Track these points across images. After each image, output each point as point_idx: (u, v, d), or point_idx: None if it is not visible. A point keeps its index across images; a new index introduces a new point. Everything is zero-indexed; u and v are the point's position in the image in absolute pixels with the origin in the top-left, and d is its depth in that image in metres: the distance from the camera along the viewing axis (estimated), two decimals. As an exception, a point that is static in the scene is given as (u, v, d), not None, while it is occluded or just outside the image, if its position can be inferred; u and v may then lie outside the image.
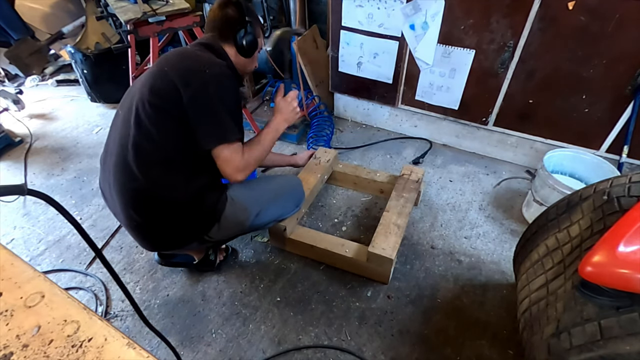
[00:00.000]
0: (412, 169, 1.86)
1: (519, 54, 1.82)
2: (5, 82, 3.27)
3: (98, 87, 2.84)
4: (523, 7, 1.69)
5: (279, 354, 1.33)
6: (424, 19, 1.93)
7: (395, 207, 1.65)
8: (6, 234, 1.83)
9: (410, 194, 1.72)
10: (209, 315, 1.47)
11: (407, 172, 1.84)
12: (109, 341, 0.49)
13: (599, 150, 1.91)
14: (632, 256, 0.75)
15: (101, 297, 1.54)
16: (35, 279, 0.56)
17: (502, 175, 2.14)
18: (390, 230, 1.53)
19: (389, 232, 1.52)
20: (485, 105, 2.07)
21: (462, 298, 1.52)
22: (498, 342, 1.36)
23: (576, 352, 0.79)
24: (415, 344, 1.36)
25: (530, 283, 1.07)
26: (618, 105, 1.76)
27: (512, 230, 1.80)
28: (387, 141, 2.45)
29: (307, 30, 2.43)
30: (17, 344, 0.48)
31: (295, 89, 2.47)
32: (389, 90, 2.30)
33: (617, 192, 0.96)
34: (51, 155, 2.37)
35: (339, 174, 2.00)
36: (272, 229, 1.62)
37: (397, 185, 1.77)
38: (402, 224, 1.56)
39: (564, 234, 1.04)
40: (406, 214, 1.62)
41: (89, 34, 2.55)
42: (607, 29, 1.59)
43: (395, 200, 1.68)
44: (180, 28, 2.01)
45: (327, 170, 1.91)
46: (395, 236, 1.51)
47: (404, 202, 1.67)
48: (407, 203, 1.67)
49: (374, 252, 1.44)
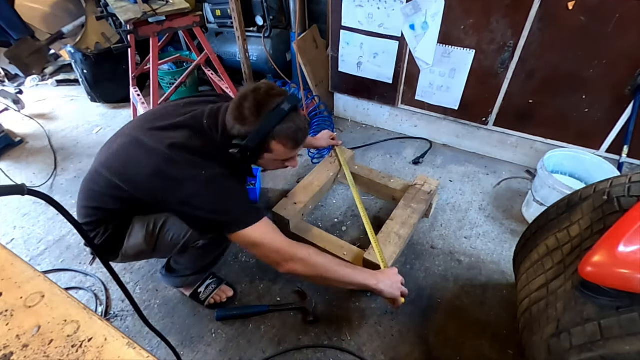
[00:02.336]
0: (426, 180, 1.77)
1: (519, 54, 1.82)
2: (5, 82, 3.27)
3: (98, 87, 2.84)
4: (523, 7, 1.69)
5: (279, 354, 1.33)
6: (424, 19, 1.93)
7: (401, 216, 1.59)
8: (6, 234, 1.83)
9: (419, 205, 1.64)
10: (209, 316, 1.46)
11: (421, 182, 1.76)
12: (109, 341, 0.49)
13: (599, 150, 1.91)
14: (632, 256, 0.75)
15: (101, 297, 1.54)
16: (35, 279, 0.56)
17: (502, 175, 2.14)
18: (390, 240, 1.49)
19: (388, 241, 1.49)
20: (485, 105, 2.07)
21: (462, 298, 1.52)
22: (498, 342, 1.36)
23: (576, 352, 0.79)
24: (415, 344, 1.36)
25: (530, 283, 1.07)
26: (618, 105, 1.76)
27: (512, 230, 1.80)
28: (387, 141, 2.45)
29: (307, 30, 2.43)
30: (17, 344, 0.48)
31: (295, 89, 2.48)
32: (389, 90, 2.30)
33: (617, 192, 0.96)
34: (51, 155, 2.37)
35: (353, 175, 1.95)
36: (276, 221, 1.61)
37: (407, 194, 1.69)
38: (404, 235, 1.51)
39: (564, 234, 1.04)
40: (410, 225, 1.55)
41: (89, 34, 2.54)
42: (607, 29, 1.59)
43: (402, 210, 1.62)
44: (180, 28, 2.01)
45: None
46: (394, 246, 1.46)
47: (411, 212, 1.61)
48: (414, 214, 1.60)
49: (369, 259, 1.41)
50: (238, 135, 1.07)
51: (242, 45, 2.45)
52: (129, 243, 1.21)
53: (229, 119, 1.08)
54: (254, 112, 1.04)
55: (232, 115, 1.07)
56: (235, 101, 1.07)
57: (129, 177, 1.09)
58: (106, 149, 1.20)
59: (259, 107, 1.04)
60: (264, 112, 1.04)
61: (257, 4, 2.47)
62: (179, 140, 1.07)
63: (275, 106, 1.04)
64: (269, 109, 1.04)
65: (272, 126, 1.05)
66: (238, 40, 2.44)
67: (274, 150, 1.12)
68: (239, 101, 1.06)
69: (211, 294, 1.48)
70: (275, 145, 1.10)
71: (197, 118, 1.13)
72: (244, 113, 1.05)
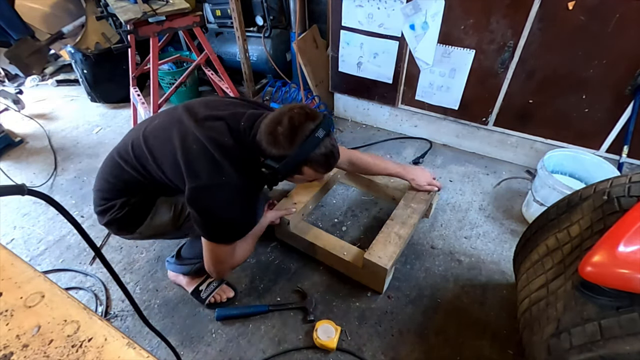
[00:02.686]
0: None
1: (519, 54, 1.82)
2: (5, 82, 3.27)
3: (98, 87, 2.84)
4: (523, 7, 1.69)
5: (279, 354, 1.33)
6: (424, 19, 1.93)
7: (401, 216, 1.59)
8: (6, 234, 1.83)
9: (419, 205, 1.64)
10: (209, 315, 1.46)
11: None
12: (109, 341, 0.49)
13: (599, 150, 1.91)
14: (632, 256, 0.75)
15: (101, 297, 1.54)
16: (35, 279, 0.56)
17: (502, 175, 2.14)
18: (391, 240, 1.49)
19: (388, 241, 1.48)
20: (485, 105, 2.07)
21: (462, 298, 1.52)
22: (498, 342, 1.36)
23: (576, 352, 0.79)
24: (415, 344, 1.36)
25: (530, 283, 1.07)
26: (618, 105, 1.76)
27: (512, 230, 1.80)
28: (387, 141, 2.45)
29: (307, 30, 2.43)
30: (17, 344, 0.48)
31: (296, 89, 2.48)
32: (389, 90, 2.30)
33: (617, 192, 0.96)
34: (51, 155, 2.37)
35: (353, 175, 1.97)
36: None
37: (407, 194, 1.70)
38: (404, 235, 1.51)
39: (564, 234, 1.04)
40: (410, 225, 1.55)
41: (89, 34, 2.55)
42: (607, 29, 1.59)
43: (402, 210, 1.62)
44: (180, 28, 2.01)
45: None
46: (394, 246, 1.46)
47: (411, 212, 1.61)
48: (414, 214, 1.60)
49: (370, 260, 1.41)
50: (270, 156, 1.06)
51: (242, 45, 2.45)
52: (152, 222, 1.26)
53: (261, 138, 1.07)
54: (289, 137, 1.03)
55: (266, 139, 1.05)
56: (268, 123, 1.06)
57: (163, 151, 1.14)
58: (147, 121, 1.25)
59: (293, 133, 1.03)
60: (298, 139, 1.03)
61: (257, 4, 2.47)
62: (215, 135, 1.10)
63: (309, 133, 1.03)
64: (303, 135, 1.03)
65: (307, 154, 1.05)
66: (238, 40, 2.44)
67: (305, 173, 1.13)
68: (273, 124, 1.05)
69: (212, 292, 1.49)
70: (307, 170, 1.11)
71: (236, 117, 1.15)
72: (278, 138, 1.03)
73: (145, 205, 1.26)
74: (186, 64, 2.87)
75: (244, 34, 2.40)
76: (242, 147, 1.11)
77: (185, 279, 1.53)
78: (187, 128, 1.12)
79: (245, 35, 2.42)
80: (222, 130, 1.11)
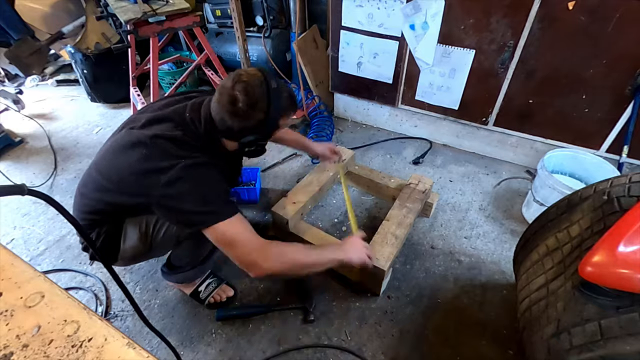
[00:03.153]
0: (420, 179, 1.78)
1: (519, 54, 1.82)
2: (5, 82, 3.27)
3: (98, 87, 2.84)
4: (523, 7, 1.69)
5: (279, 354, 1.33)
6: (424, 19, 1.93)
7: (396, 216, 1.58)
8: (6, 234, 1.83)
9: (414, 204, 1.65)
10: (209, 315, 1.46)
11: (415, 182, 1.76)
12: (109, 341, 0.49)
13: (599, 150, 1.91)
14: (632, 256, 0.75)
15: (101, 297, 1.54)
16: (35, 279, 0.56)
17: (502, 175, 2.14)
18: (387, 240, 1.48)
19: (385, 242, 1.48)
20: (485, 105, 2.07)
21: (462, 298, 1.52)
22: (498, 342, 1.36)
23: (576, 352, 0.79)
24: (415, 344, 1.36)
25: (530, 283, 1.07)
26: (618, 105, 1.76)
27: (512, 230, 1.80)
28: (387, 141, 2.45)
29: (307, 30, 2.43)
30: (17, 344, 0.48)
31: (296, 89, 2.48)
32: (389, 90, 2.30)
33: (617, 192, 0.96)
34: (51, 155, 2.37)
35: (353, 175, 1.97)
36: (275, 220, 1.60)
37: (402, 194, 1.70)
38: (401, 235, 1.51)
39: (564, 234, 1.04)
40: (407, 225, 1.55)
41: (89, 34, 2.55)
42: (607, 29, 1.59)
43: (398, 210, 1.62)
44: (180, 28, 2.01)
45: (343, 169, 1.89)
46: (392, 247, 1.45)
47: (406, 212, 1.60)
48: (409, 214, 1.60)
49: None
50: (241, 130, 1.09)
51: (242, 45, 2.45)
52: (125, 246, 1.22)
53: (222, 117, 1.08)
54: (255, 105, 1.05)
55: (228, 114, 1.06)
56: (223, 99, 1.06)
57: (115, 172, 1.11)
58: (99, 151, 1.23)
59: (254, 100, 1.05)
60: (263, 101, 1.05)
61: (257, 4, 2.47)
62: (161, 132, 1.09)
63: (267, 89, 1.05)
64: (264, 96, 1.05)
65: (279, 107, 1.10)
66: (238, 40, 2.44)
67: (282, 125, 1.17)
68: (230, 105, 1.05)
69: (211, 293, 1.48)
70: (282, 120, 1.16)
71: (179, 111, 1.16)
72: (246, 112, 1.05)
73: (115, 231, 1.21)
74: (186, 64, 2.87)
75: (244, 34, 2.40)
76: (194, 136, 1.12)
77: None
78: (134, 136, 1.11)
79: (245, 35, 2.42)
80: (169, 128, 1.12)
